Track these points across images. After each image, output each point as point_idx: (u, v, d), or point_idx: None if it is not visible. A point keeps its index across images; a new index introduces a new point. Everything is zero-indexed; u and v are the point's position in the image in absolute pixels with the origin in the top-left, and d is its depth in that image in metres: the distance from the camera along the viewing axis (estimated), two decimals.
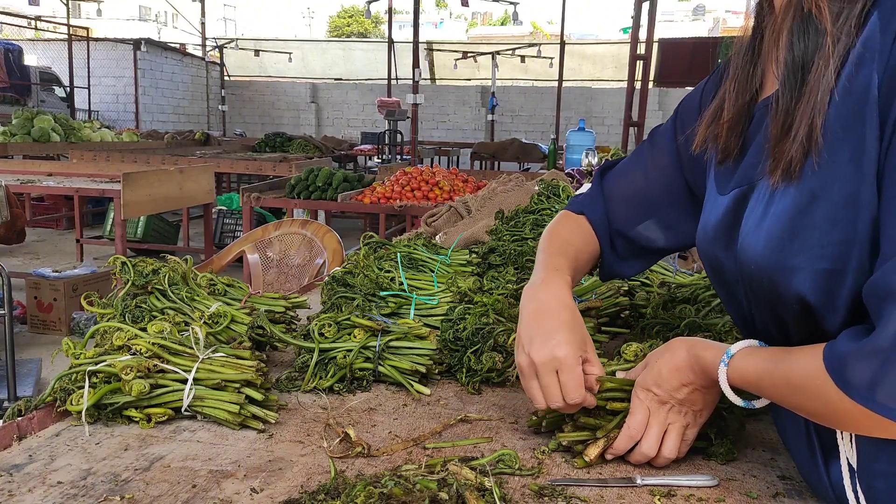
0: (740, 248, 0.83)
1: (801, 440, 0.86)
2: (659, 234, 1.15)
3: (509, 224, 2.01)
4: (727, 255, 0.88)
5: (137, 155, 8.03)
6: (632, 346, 1.06)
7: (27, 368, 3.95)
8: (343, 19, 46.08)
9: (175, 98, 17.31)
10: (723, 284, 0.94)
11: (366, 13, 13.72)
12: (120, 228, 5.02)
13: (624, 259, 1.20)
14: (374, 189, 5.26)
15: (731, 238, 0.87)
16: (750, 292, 0.85)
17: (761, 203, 0.81)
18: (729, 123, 0.91)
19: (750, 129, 0.90)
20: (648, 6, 8.14)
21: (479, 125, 17.12)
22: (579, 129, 5.79)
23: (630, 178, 1.18)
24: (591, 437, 0.95)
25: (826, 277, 0.73)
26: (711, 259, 0.94)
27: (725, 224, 0.89)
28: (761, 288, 0.81)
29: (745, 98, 0.90)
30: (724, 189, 0.91)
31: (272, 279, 2.88)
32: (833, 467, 0.81)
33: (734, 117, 0.90)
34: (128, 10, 40.38)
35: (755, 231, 0.81)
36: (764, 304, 0.83)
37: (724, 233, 0.89)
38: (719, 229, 0.90)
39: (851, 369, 0.69)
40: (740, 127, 0.90)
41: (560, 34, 15.27)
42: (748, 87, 0.90)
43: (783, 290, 0.78)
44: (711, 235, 0.92)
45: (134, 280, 1.34)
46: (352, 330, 1.23)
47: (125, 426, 1.04)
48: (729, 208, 0.88)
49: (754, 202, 0.83)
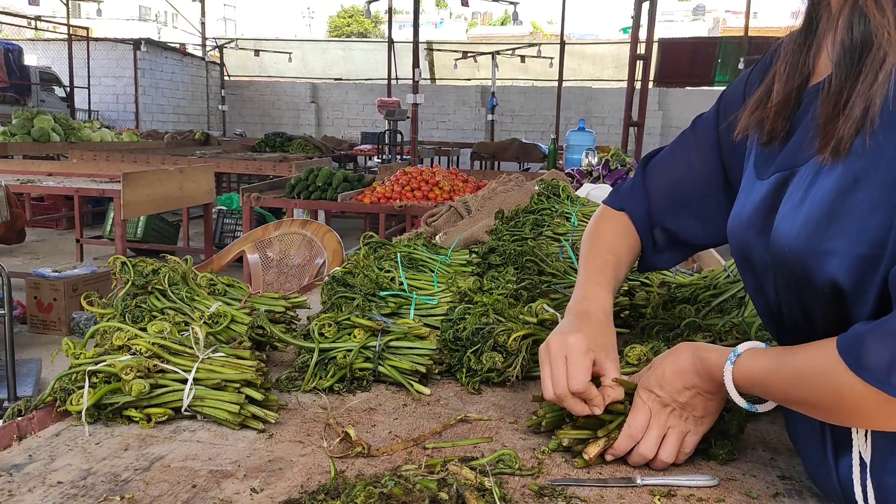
0: (776, 231, 0.83)
1: (812, 434, 0.86)
2: (698, 226, 1.15)
3: (509, 224, 2.01)
4: (759, 240, 0.88)
5: (137, 155, 8.03)
6: (636, 349, 1.06)
7: (27, 368, 3.95)
8: (343, 19, 46.09)
9: (175, 98, 17.31)
10: (751, 272, 0.93)
11: (366, 13, 13.73)
12: (120, 228, 5.02)
13: (661, 252, 1.21)
14: (374, 189, 5.26)
15: (766, 223, 0.86)
16: (780, 279, 0.84)
17: (801, 187, 0.81)
18: (777, 106, 0.90)
19: (797, 114, 0.89)
20: (648, 6, 8.14)
21: (479, 125, 17.12)
22: (579, 129, 5.80)
23: (673, 167, 1.18)
24: (592, 437, 0.95)
25: (861, 263, 0.72)
26: (742, 245, 0.93)
27: (763, 209, 0.88)
28: (793, 274, 0.80)
29: (795, 82, 0.90)
30: (763, 174, 0.91)
31: (272, 279, 2.88)
32: (843, 462, 0.81)
33: (783, 100, 0.90)
34: (128, 10, 40.38)
35: (793, 214, 0.80)
36: (793, 291, 0.83)
37: (760, 218, 0.88)
38: (755, 214, 0.89)
39: (867, 351, 0.69)
40: (788, 110, 0.90)
41: (560, 34, 15.27)
42: (799, 72, 0.90)
43: (816, 274, 0.76)
44: (746, 220, 0.91)
45: (134, 280, 1.34)
46: (352, 330, 1.23)
47: (125, 426, 1.04)
48: (768, 193, 0.87)
49: (794, 187, 0.83)
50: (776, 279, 0.86)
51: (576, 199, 2.16)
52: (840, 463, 0.81)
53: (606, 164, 3.68)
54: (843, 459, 0.81)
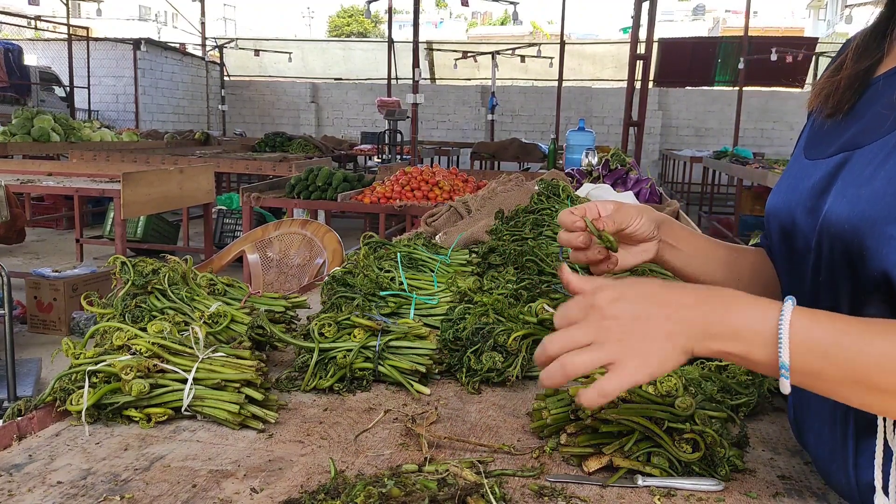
0: (832, 208, 0.80)
1: (828, 423, 0.84)
2: None
3: (509, 224, 2.01)
4: (808, 219, 0.85)
5: (137, 155, 8.02)
6: None
7: (27, 368, 3.95)
8: (343, 19, 46.07)
9: (175, 98, 17.31)
10: (790, 254, 0.90)
11: (366, 13, 13.70)
12: (120, 228, 5.02)
13: None
14: (374, 189, 5.26)
15: (818, 203, 0.84)
16: (827, 261, 0.82)
17: (870, 165, 0.78)
18: (848, 80, 0.89)
19: (865, 95, 0.88)
20: (648, 6, 8.13)
21: (479, 125, 17.11)
22: (579, 129, 5.79)
23: None
24: (595, 453, 0.94)
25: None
26: (786, 224, 0.90)
27: (818, 187, 0.85)
28: (846, 254, 0.78)
29: (867, 62, 0.90)
30: (820, 153, 0.89)
31: (272, 279, 2.88)
32: (864, 451, 0.79)
33: (853, 74, 0.89)
34: (128, 10, 40.35)
35: (857, 191, 0.77)
36: (838, 275, 0.80)
37: (812, 196, 0.86)
38: (809, 192, 0.87)
39: None
40: (857, 85, 0.89)
41: (560, 34, 15.26)
42: (872, 53, 0.90)
43: (871, 257, 0.73)
44: (795, 198, 0.89)
45: (134, 280, 1.34)
46: (352, 330, 1.23)
47: (125, 426, 1.04)
48: (828, 171, 0.85)
49: (858, 165, 0.81)
50: (818, 262, 0.83)
51: (576, 199, 2.16)
52: (861, 451, 0.80)
53: (606, 164, 3.68)
54: (864, 447, 0.79)
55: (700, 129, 16.37)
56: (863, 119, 0.86)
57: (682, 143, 16.14)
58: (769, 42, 15.11)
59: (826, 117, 0.91)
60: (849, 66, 0.91)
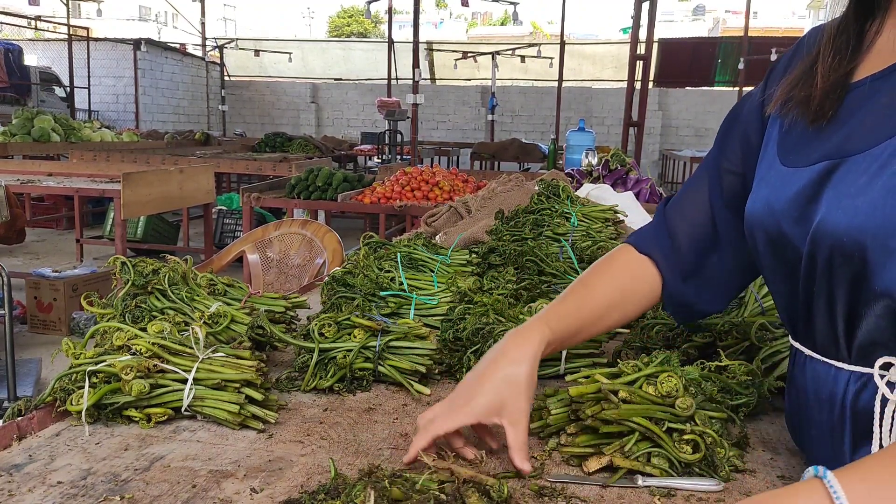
0: (826, 219, 0.78)
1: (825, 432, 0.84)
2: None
3: (509, 224, 2.01)
4: (796, 228, 0.83)
5: (137, 155, 8.03)
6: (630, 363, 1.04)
7: (27, 368, 3.95)
8: (343, 19, 46.09)
9: (175, 98, 17.32)
10: (780, 265, 0.88)
11: (366, 13, 13.71)
12: (120, 228, 5.02)
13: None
14: (374, 189, 5.26)
15: (806, 211, 0.82)
16: (823, 270, 0.80)
17: (864, 174, 0.77)
18: (826, 88, 0.86)
19: (847, 100, 0.85)
20: (648, 6, 8.14)
21: (479, 125, 17.12)
22: (579, 129, 5.79)
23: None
24: (595, 453, 0.93)
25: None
26: (772, 232, 0.88)
27: (804, 197, 0.83)
28: (843, 268, 0.76)
29: (845, 67, 0.87)
30: (800, 160, 0.86)
31: (272, 279, 2.88)
32: (861, 453, 0.80)
33: (833, 83, 0.86)
34: (128, 10, 40.37)
35: (852, 201, 0.75)
36: (835, 284, 0.79)
37: (798, 206, 0.83)
38: (792, 202, 0.84)
39: None
40: (838, 91, 0.86)
41: (560, 34, 15.27)
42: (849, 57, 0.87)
43: (873, 272, 0.72)
44: (778, 207, 0.86)
45: (134, 280, 1.34)
46: (352, 330, 1.23)
47: (125, 426, 1.04)
48: (812, 180, 0.82)
49: (853, 174, 0.78)
50: (811, 270, 0.82)
51: (576, 199, 2.17)
52: (858, 455, 0.80)
53: (606, 164, 3.68)
54: (861, 456, 0.80)
55: (700, 129, 16.38)
56: (846, 125, 0.83)
57: (682, 143, 16.15)
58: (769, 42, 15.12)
59: (809, 123, 0.88)
60: (823, 73, 0.87)
